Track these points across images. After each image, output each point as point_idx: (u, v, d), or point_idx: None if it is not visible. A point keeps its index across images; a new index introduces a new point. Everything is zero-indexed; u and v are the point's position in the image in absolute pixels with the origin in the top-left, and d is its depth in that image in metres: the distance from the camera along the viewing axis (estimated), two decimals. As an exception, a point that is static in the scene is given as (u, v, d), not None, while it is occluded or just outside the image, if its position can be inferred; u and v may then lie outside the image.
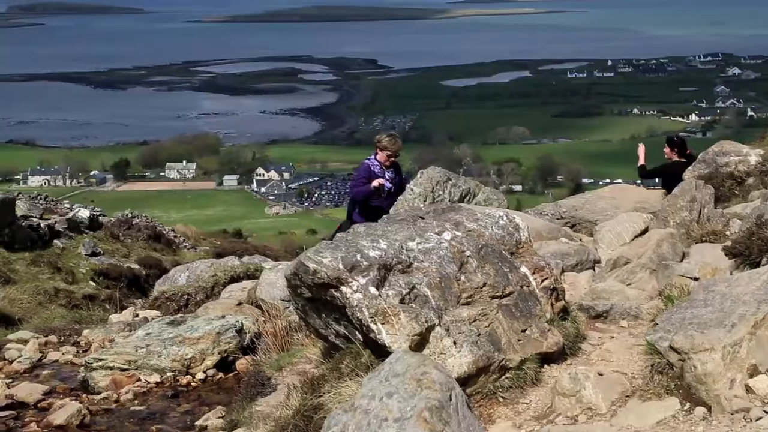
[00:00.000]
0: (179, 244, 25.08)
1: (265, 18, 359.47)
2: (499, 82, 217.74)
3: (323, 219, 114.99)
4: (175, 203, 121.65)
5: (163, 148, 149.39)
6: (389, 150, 13.18)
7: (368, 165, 13.33)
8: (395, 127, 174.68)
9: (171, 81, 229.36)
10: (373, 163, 13.30)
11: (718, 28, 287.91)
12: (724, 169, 14.19)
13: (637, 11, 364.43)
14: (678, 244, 9.19)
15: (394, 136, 13.46)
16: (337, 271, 5.95)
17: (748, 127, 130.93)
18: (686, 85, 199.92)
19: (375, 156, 13.36)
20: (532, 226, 10.00)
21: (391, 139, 13.29)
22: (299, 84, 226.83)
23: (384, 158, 13.21)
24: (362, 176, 13.32)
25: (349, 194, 14.05)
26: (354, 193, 13.48)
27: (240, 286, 12.11)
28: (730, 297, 5.73)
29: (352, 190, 13.61)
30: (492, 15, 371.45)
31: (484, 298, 6.27)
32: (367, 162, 13.41)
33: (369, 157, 13.55)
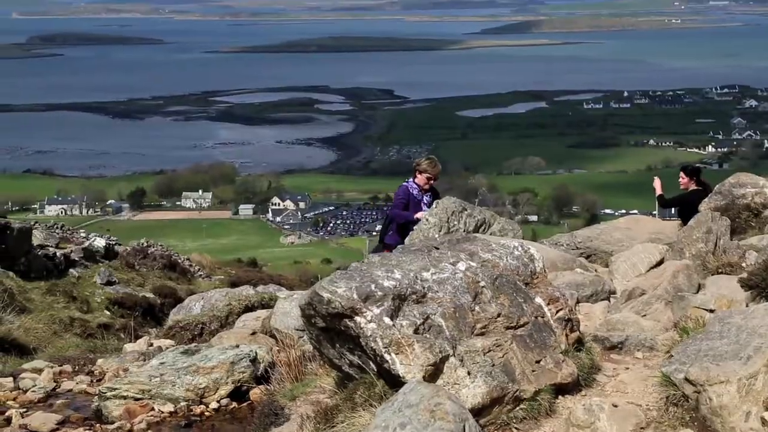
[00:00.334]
0: (194, 273, 25.12)
1: (283, 48, 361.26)
2: (516, 112, 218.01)
3: (338, 248, 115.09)
4: (190, 232, 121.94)
5: (180, 178, 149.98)
6: (429, 173, 13.19)
7: (406, 188, 13.30)
8: (411, 157, 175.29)
9: (188, 111, 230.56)
10: (411, 186, 13.27)
11: (732, 60, 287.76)
12: (741, 200, 14.13)
13: (653, 43, 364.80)
14: (694, 276, 9.16)
15: (433, 160, 13.49)
16: (351, 301, 5.95)
17: (765, 158, 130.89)
18: (703, 117, 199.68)
19: (413, 179, 13.30)
20: (547, 257, 9.99)
21: (431, 162, 13.34)
22: (315, 114, 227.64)
23: (423, 181, 13.20)
24: (401, 198, 13.28)
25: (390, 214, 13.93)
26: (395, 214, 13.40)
27: (254, 316, 12.10)
28: (746, 329, 5.70)
29: (393, 211, 13.52)
30: (508, 46, 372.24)
31: (498, 328, 6.26)
32: (406, 185, 13.37)
33: (408, 180, 13.49)
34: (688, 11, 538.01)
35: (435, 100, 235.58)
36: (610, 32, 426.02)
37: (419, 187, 13.24)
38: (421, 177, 13.24)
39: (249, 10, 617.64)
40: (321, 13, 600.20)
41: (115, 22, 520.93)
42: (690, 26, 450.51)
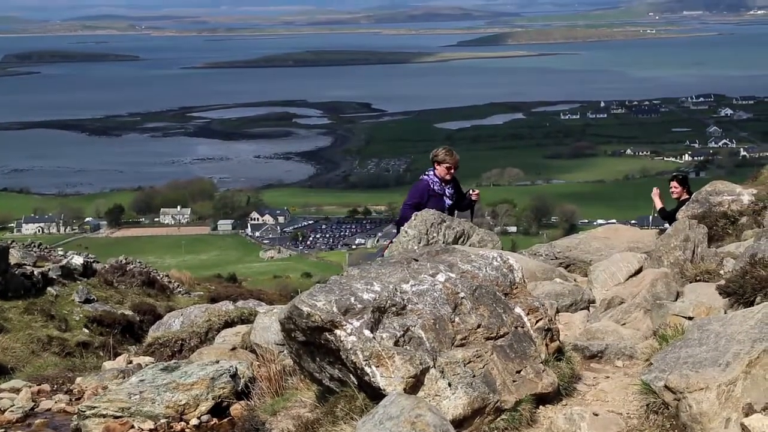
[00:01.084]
0: (173, 290, 25.00)
1: (260, 63, 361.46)
2: (493, 124, 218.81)
3: (318, 262, 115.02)
4: (169, 248, 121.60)
5: (158, 194, 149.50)
6: (448, 162, 12.75)
7: (427, 182, 12.82)
8: (389, 170, 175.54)
9: (166, 127, 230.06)
10: (432, 179, 12.83)
11: (707, 69, 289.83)
12: (717, 208, 14.23)
13: (629, 53, 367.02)
14: (672, 284, 9.19)
15: (450, 149, 12.99)
16: (331, 315, 5.93)
17: (741, 166, 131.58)
18: (679, 126, 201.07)
19: (433, 172, 12.85)
20: (527, 267, 10.00)
21: (448, 152, 12.87)
22: (293, 128, 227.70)
23: (444, 172, 12.77)
24: (416, 195, 12.78)
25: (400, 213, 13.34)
26: (403, 213, 12.90)
27: (234, 331, 12.06)
28: (725, 336, 5.72)
29: (402, 211, 13.02)
30: (484, 58, 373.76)
31: (478, 339, 6.25)
32: (426, 179, 12.87)
33: (427, 172, 13.00)
34: (663, 22, 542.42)
35: (413, 113, 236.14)
36: (586, 43, 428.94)
37: (440, 180, 12.79)
38: (440, 168, 12.79)
39: (225, 25, 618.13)
40: (297, 28, 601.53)
41: (91, 39, 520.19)
42: (665, 36, 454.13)
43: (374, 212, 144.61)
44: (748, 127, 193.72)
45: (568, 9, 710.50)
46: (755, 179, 18.88)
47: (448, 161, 12.72)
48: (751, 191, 14.82)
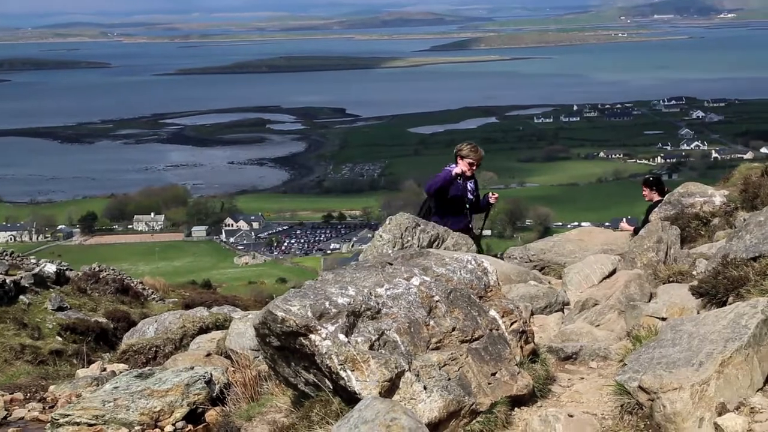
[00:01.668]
0: (147, 297, 24.86)
1: (233, 69, 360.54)
2: (467, 128, 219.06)
3: (293, 268, 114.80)
4: (143, 255, 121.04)
5: (131, 201, 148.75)
6: (471, 158, 12.68)
7: (450, 171, 12.70)
8: (363, 175, 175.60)
9: (138, 134, 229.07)
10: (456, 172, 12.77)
11: (679, 72, 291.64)
12: (690, 210, 14.31)
13: (601, 57, 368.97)
14: (645, 285, 9.24)
15: (475, 145, 12.92)
16: (305, 319, 5.92)
17: (712, 168, 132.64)
18: (651, 129, 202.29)
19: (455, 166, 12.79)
20: (501, 270, 10.03)
21: (473, 147, 12.80)
22: (267, 134, 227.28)
23: (466, 167, 12.67)
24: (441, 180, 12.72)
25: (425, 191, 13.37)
26: (428, 186, 12.91)
27: (209, 337, 12.01)
28: (698, 336, 5.76)
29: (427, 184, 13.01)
30: (457, 63, 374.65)
31: (453, 342, 6.26)
32: (449, 169, 12.77)
33: (450, 165, 12.91)
34: (634, 25, 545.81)
35: (386, 118, 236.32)
36: (558, 47, 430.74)
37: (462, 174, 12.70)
38: (463, 163, 12.69)
39: (198, 32, 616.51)
40: (270, 34, 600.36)
41: (62, 47, 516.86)
42: (636, 40, 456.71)
43: (349, 217, 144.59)
44: (720, 130, 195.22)
45: (539, 13, 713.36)
46: (727, 181, 19.02)
47: (472, 157, 12.69)
48: (723, 192, 14.92)
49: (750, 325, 5.62)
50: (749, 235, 8.52)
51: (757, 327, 5.60)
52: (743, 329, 5.60)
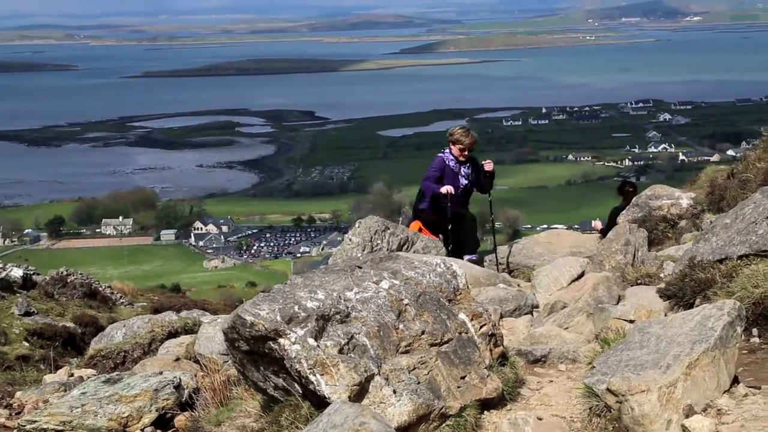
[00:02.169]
0: (116, 301, 24.68)
1: (201, 72, 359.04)
2: (436, 130, 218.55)
3: (263, 271, 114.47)
4: (111, 259, 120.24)
5: (99, 204, 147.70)
6: (462, 143, 12.79)
7: (443, 159, 12.93)
8: (333, 178, 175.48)
9: (106, 137, 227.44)
10: (448, 157, 12.93)
11: (646, 75, 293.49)
12: (657, 212, 14.42)
13: (569, 59, 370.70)
14: (613, 287, 9.30)
15: (467, 129, 13.12)
16: (274, 323, 5.91)
17: (680, 170, 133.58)
18: (619, 131, 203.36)
19: (449, 150, 12.91)
20: (470, 273, 10.06)
21: (464, 132, 12.97)
22: (236, 137, 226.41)
23: (457, 153, 12.81)
24: (435, 169, 12.90)
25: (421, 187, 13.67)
26: (424, 186, 13.12)
27: (178, 342, 11.96)
28: (665, 338, 5.79)
29: (424, 183, 13.21)
30: (426, 65, 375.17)
31: (422, 345, 6.27)
32: (442, 156, 12.97)
33: (444, 150, 13.10)
34: (602, 28, 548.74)
35: (356, 121, 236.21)
36: (527, 50, 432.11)
37: (455, 159, 12.86)
38: (455, 148, 12.82)
39: (166, 34, 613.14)
40: (238, 36, 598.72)
41: (28, 49, 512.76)
42: (604, 42, 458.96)
43: (319, 220, 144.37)
44: (687, 132, 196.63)
45: (508, 16, 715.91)
46: (693, 183, 19.19)
47: (463, 141, 12.78)
48: (690, 195, 15.06)
49: (716, 327, 5.67)
50: (715, 237, 8.60)
51: (723, 329, 5.65)
52: (710, 331, 5.65)
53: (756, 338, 7.08)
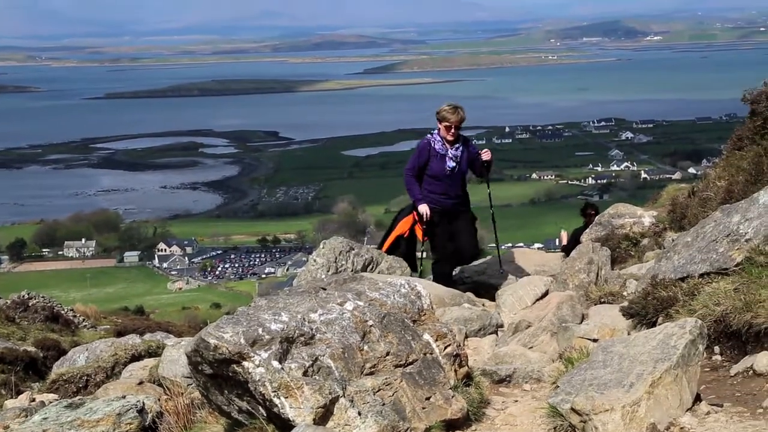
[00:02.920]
0: (78, 324, 24.47)
1: (165, 93, 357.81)
2: (401, 150, 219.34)
3: (227, 292, 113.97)
4: (74, 282, 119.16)
5: (61, 227, 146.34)
6: (448, 121, 11.93)
7: (427, 142, 12.09)
8: (298, 198, 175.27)
9: (68, 159, 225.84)
10: (434, 139, 12.11)
11: (608, 94, 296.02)
12: (620, 230, 14.53)
13: (531, 79, 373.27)
14: (577, 306, 9.34)
15: (456, 106, 12.18)
16: (238, 346, 5.89)
17: (642, 188, 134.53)
18: (582, 150, 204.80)
19: (437, 131, 12.12)
20: (435, 293, 10.07)
21: (451, 108, 12.06)
22: (200, 158, 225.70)
23: (444, 131, 11.97)
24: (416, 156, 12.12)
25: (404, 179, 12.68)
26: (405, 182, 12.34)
27: (141, 365, 11.86)
28: (628, 357, 5.83)
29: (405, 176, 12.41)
30: (391, 85, 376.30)
31: (387, 367, 6.26)
32: (429, 138, 12.16)
33: (432, 131, 12.28)
34: (564, 48, 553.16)
35: (321, 141, 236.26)
36: (489, 69, 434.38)
37: (443, 140, 12.00)
38: (441, 127, 11.99)
39: (128, 55, 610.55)
40: (202, 57, 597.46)
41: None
42: (566, 62, 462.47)
43: (283, 241, 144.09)
44: (648, 150, 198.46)
45: (470, 36, 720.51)
46: (655, 201, 19.36)
47: (449, 119, 11.92)
48: (652, 213, 15.19)
49: (679, 345, 5.71)
50: (677, 255, 8.67)
51: (685, 347, 5.70)
52: (672, 350, 5.69)
53: (718, 356, 7.13)
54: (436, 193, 12.04)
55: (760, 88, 12.14)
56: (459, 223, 12.56)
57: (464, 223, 12.67)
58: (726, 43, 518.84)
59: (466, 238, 12.65)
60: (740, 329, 6.91)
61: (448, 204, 12.39)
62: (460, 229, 12.62)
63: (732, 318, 6.98)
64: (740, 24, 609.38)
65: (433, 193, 12.04)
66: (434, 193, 12.04)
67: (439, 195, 12.11)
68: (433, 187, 12.13)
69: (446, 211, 12.41)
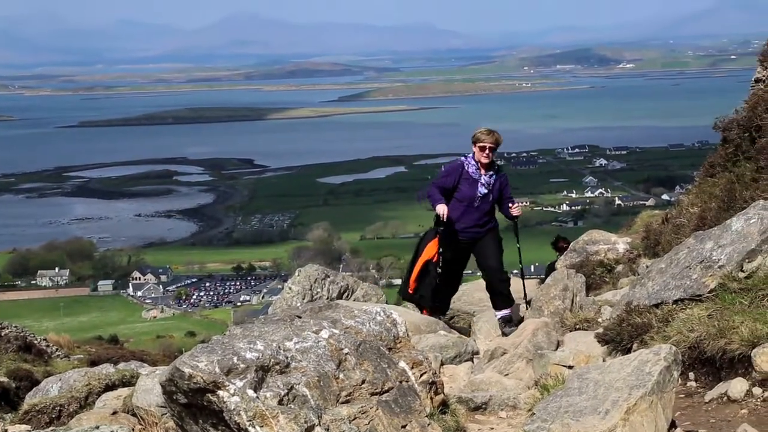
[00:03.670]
0: (51, 354, 24.31)
1: (139, 121, 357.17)
2: (376, 177, 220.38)
3: (202, 321, 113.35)
4: (47, 311, 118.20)
5: (34, 256, 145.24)
6: (483, 141, 11.28)
7: (461, 163, 11.45)
8: (273, 226, 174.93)
9: (42, 187, 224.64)
10: (469, 162, 11.44)
11: (581, 121, 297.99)
12: (594, 257, 14.61)
13: (505, 106, 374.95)
14: (552, 333, 9.36)
15: (490, 129, 11.60)
16: (213, 375, 5.85)
17: (616, 215, 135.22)
18: (556, 176, 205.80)
19: (472, 155, 11.48)
20: (411, 320, 10.06)
21: (486, 131, 11.50)
22: (175, 186, 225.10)
23: (479, 154, 11.31)
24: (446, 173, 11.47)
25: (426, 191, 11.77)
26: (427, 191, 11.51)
27: (115, 394, 11.76)
28: (603, 384, 5.83)
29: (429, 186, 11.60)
30: (366, 113, 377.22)
31: (363, 395, 6.25)
32: (462, 160, 11.54)
33: (467, 155, 11.67)
34: (537, 75, 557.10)
35: (295, 168, 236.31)
36: (464, 97, 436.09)
37: (477, 164, 11.34)
38: (476, 150, 11.33)
39: (102, 84, 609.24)
40: (176, 86, 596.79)
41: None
42: (540, 89, 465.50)
43: (258, 268, 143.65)
44: (622, 177, 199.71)
45: (444, 64, 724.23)
46: (629, 228, 19.49)
47: (483, 140, 11.29)
48: (626, 240, 15.28)
49: (653, 372, 5.72)
50: (651, 282, 8.71)
51: (660, 374, 5.71)
52: (647, 376, 5.70)
53: (692, 382, 7.16)
54: (461, 220, 11.39)
55: (731, 116, 12.27)
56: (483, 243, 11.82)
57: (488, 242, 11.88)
58: (698, 71, 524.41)
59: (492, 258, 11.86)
60: (714, 355, 6.94)
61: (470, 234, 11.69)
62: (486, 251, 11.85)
63: (706, 344, 7.01)
64: (711, 52, 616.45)
65: (459, 221, 11.38)
66: (460, 221, 11.38)
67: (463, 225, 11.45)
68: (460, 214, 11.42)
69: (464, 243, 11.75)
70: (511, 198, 11.82)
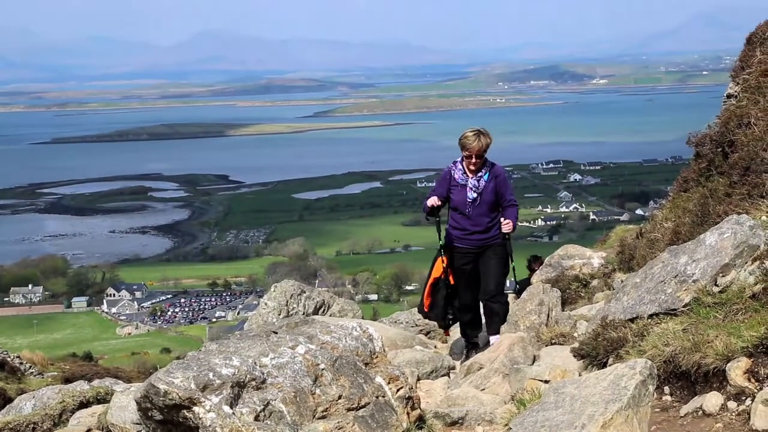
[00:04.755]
0: (25, 372, 24.08)
1: (113, 137, 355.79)
2: (351, 193, 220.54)
3: (177, 337, 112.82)
4: (20, 329, 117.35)
5: (7, 273, 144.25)
6: (468, 149, 10.56)
7: (449, 171, 10.88)
8: (249, 241, 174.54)
9: (14, 204, 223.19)
10: (456, 168, 10.87)
11: (555, 136, 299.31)
12: (570, 272, 14.65)
13: (480, 121, 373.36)
14: (529, 348, 9.37)
15: (478, 131, 10.71)
16: (189, 391, 5.83)
17: (591, 230, 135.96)
18: (531, 192, 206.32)
19: (461, 160, 10.86)
20: (387, 335, 10.05)
21: (473, 134, 10.65)
22: (149, 202, 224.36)
23: (466, 162, 10.70)
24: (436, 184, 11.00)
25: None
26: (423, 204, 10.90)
27: (90, 412, 11.67)
28: (579, 398, 5.84)
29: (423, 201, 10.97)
30: (341, 128, 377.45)
31: (339, 410, 6.23)
32: (450, 167, 10.98)
33: (456, 160, 11.01)
34: (512, 91, 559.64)
35: (271, 184, 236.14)
36: (439, 112, 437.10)
37: (464, 168, 10.74)
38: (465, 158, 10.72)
39: (76, 100, 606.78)
40: (150, 102, 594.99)
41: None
42: (514, 105, 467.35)
43: (234, 284, 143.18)
44: (596, 192, 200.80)
45: (419, 80, 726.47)
46: (604, 242, 19.58)
47: (468, 146, 10.56)
48: (601, 254, 15.34)
49: (629, 386, 5.74)
50: (626, 296, 8.74)
51: (636, 388, 5.73)
52: (623, 390, 5.71)
53: (668, 396, 7.18)
54: (458, 229, 10.76)
55: (704, 131, 12.36)
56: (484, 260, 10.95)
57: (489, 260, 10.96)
58: (670, 86, 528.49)
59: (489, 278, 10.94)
60: (689, 369, 6.97)
61: (474, 242, 10.85)
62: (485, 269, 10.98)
63: (681, 358, 7.04)
64: (683, 68, 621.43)
65: (456, 229, 10.78)
66: (457, 229, 10.77)
67: (462, 231, 10.78)
68: (457, 222, 10.82)
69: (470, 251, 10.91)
70: (512, 200, 11.02)
